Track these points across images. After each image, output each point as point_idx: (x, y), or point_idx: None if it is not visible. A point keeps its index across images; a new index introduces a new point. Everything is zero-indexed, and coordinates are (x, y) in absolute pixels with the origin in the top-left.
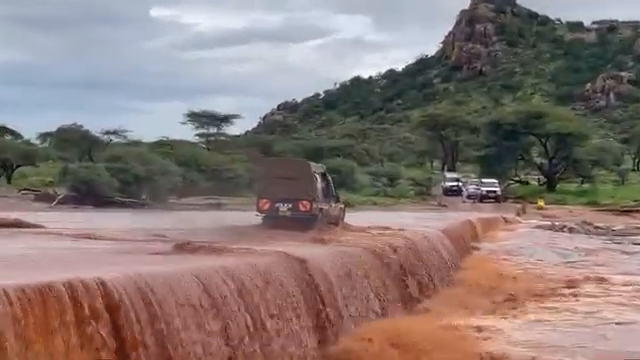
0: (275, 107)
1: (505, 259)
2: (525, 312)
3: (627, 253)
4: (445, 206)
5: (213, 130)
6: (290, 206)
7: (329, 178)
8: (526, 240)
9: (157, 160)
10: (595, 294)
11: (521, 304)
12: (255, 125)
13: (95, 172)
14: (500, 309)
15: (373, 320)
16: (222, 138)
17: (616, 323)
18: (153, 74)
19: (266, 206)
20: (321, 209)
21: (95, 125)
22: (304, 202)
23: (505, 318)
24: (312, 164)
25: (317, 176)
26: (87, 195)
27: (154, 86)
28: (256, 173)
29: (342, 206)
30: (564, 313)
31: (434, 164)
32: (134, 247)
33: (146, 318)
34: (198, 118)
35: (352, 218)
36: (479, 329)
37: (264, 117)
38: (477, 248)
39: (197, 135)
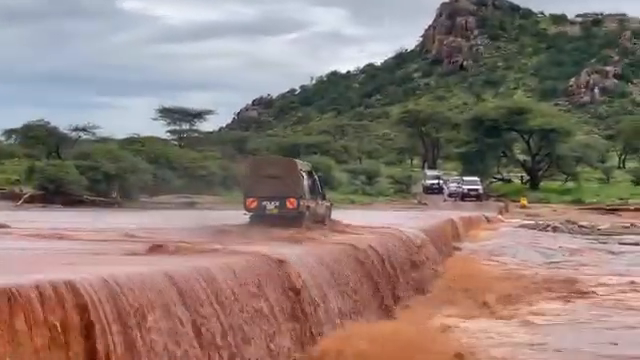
0: (250, 103)
1: (487, 259)
2: (507, 313)
3: (613, 253)
4: (425, 205)
5: (185, 126)
6: (277, 204)
7: (315, 176)
8: (509, 240)
9: (127, 157)
10: (579, 295)
11: (502, 305)
12: (229, 121)
13: (63, 170)
14: (481, 310)
15: (353, 322)
16: (195, 135)
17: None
18: (123, 69)
19: (253, 204)
20: (308, 207)
21: (63, 121)
22: (291, 200)
23: (486, 319)
24: (299, 162)
25: (303, 174)
26: (55, 194)
27: (124, 81)
28: (243, 172)
29: (328, 204)
30: (545, 314)
31: (414, 161)
32: (105, 248)
33: (117, 321)
34: (170, 114)
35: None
36: (458, 331)
37: (238, 113)
38: (459, 248)
39: (169, 132)
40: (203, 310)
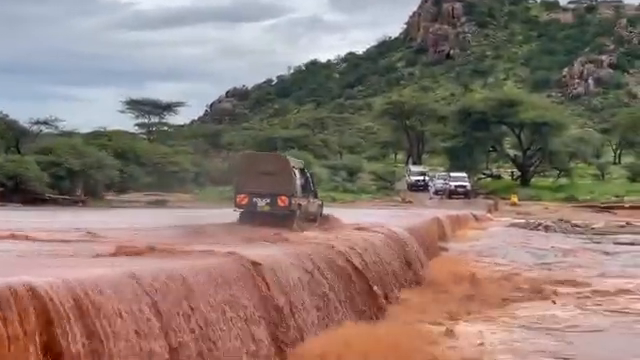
0: (223, 94)
1: (476, 260)
2: (491, 317)
3: (607, 253)
4: (410, 202)
5: (155, 119)
6: (268, 201)
7: (308, 174)
8: (498, 240)
9: (93, 153)
10: (568, 298)
11: (489, 308)
12: (201, 114)
13: (23, 166)
14: (468, 314)
15: (333, 326)
16: (165, 128)
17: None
18: (87, 57)
19: (244, 201)
20: (299, 205)
21: (23, 114)
22: (282, 197)
23: (472, 323)
24: (291, 159)
25: (296, 172)
26: (14, 191)
27: (89, 71)
28: (234, 168)
29: (320, 202)
30: (532, 317)
31: (398, 156)
32: (67, 249)
33: (81, 326)
34: (138, 106)
35: None
36: (445, 334)
37: (211, 105)
38: (445, 249)
39: (137, 125)
40: (173, 314)
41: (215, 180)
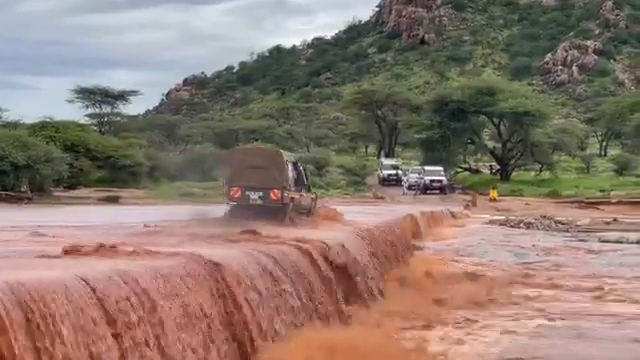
0: (181, 82)
1: (452, 260)
2: (468, 322)
3: (593, 252)
4: (382, 198)
5: (107, 109)
6: (261, 194)
7: (301, 168)
8: (476, 238)
9: (39, 145)
10: (549, 299)
11: (464, 312)
12: (157, 103)
13: None
14: (442, 318)
15: (300, 331)
16: (117, 119)
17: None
18: (33, 43)
19: (237, 194)
20: (292, 198)
21: None
22: (275, 191)
23: (445, 328)
24: (284, 153)
25: (288, 165)
26: None
27: (35, 57)
28: (226, 161)
29: (313, 196)
30: (507, 322)
31: (369, 149)
32: (9, 250)
33: (26, 332)
34: (89, 95)
35: None
36: (416, 340)
37: (167, 94)
38: (419, 247)
39: (87, 115)
40: (125, 319)
41: (171, 175)
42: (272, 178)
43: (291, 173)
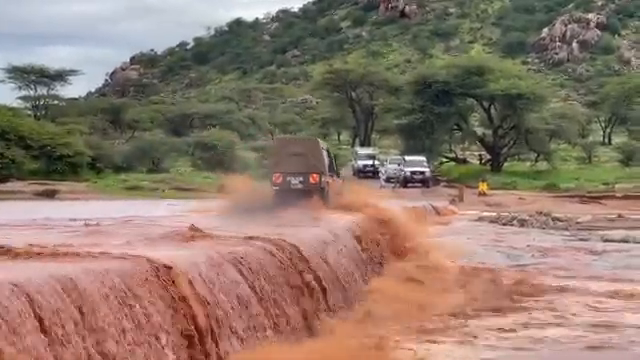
0: (127, 60)
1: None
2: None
3: (595, 253)
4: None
5: (43, 91)
6: (301, 179)
7: (332, 155)
8: (464, 237)
9: None
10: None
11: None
12: (100, 84)
13: None
14: (423, 327)
15: (263, 342)
16: (55, 102)
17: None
18: None
19: (279, 180)
20: (327, 182)
21: None
22: (314, 175)
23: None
24: (320, 141)
25: (324, 152)
26: None
27: None
28: (269, 150)
29: (341, 180)
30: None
31: (342, 137)
32: None
33: None
34: (21, 75)
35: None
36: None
37: (112, 73)
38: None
39: (20, 98)
40: (63, 329)
41: (116, 166)
42: (311, 164)
43: (326, 160)
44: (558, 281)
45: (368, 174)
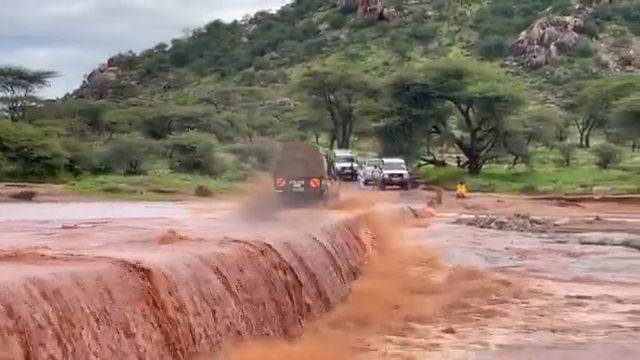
0: (105, 62)
1: (417, 265)
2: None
3: (573, 255)
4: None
5: (19, 93)
6: (302, 183)
7: (330, 160)
8: (442, 239)
9: None
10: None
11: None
12: (78, 86)
13: None
14: (401, 331)
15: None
16: (32, 104)
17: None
18: None
19: (282, 183)
20: (327, 186)
21: None
22: (314, 180)
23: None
24: (320, 147)
25: (324, 158)
26: None
27: None
28: (273, 156)
29: (338, 183)
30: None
31: (320, 139)
32: None
33: None
34: None
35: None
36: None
37: (90, 75)
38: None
39: None
40: (37, 334)
41: (94, 168)
42: (312, 169)
43: (325, 165)
44: (534, 283)
45: (347, 177)
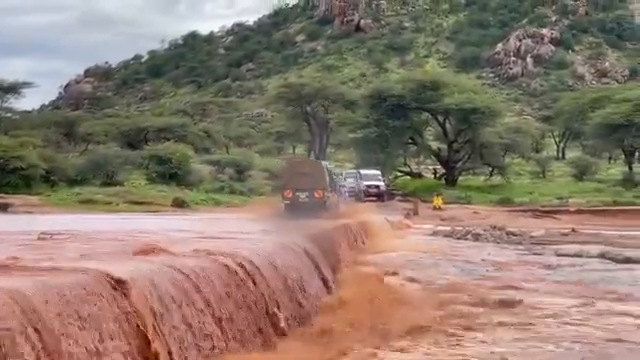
0: (81, 73)
1: (391, 275)
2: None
3: (549, 267)
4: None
5: None
6: (307, 194)
7: (332, 174)
8: (418, 251)
9: None
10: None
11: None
12: (54, 97)
13: None
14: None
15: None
16: (8, 115)
17: None
18: None
19: (289, 195)
20: (328, 196)
21: None
22: (318, 191)
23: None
24: (323, 162)
25: (326, 171)
26: None
27: None
28: (280, 170)
29: (339, 195)
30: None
31: (297, 150)
32: None
33: None
34: None
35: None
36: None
37: (66, 86)
38: (355, 262)
39: None
40: (14, 348)
41: (70, 179)
42: (316, 182)
43: (327, 178)
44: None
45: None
